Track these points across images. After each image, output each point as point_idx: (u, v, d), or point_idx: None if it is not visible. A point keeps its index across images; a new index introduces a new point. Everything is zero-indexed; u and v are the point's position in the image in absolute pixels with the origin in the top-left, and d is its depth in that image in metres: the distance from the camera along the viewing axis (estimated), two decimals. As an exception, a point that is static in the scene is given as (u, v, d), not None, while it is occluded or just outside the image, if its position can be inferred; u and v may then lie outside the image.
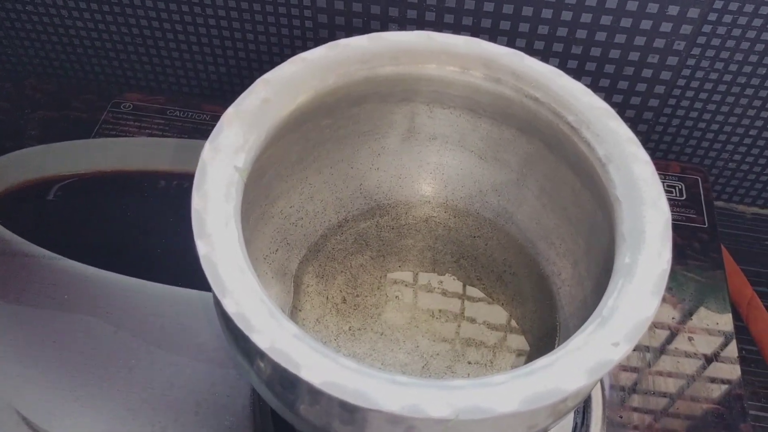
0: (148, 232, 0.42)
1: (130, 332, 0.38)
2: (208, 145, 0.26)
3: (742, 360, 0.40)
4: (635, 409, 0.37)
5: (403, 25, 0.48)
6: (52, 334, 0.37)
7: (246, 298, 0.22)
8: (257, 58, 0.53)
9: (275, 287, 0.32)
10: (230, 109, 0.27)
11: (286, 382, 0.23)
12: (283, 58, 0.51)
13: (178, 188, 0.44)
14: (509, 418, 0.21)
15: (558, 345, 0.32)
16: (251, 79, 0.28)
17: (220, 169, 0.25)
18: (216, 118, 0.27)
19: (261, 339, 0.21)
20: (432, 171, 0.36)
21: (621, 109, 0.50)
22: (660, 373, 0.38)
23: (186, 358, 0.37)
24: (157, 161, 0.46)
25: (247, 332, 0.21)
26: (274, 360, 0.21)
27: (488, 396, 0.21)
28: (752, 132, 0.52)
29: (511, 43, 0.48)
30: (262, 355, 0.22)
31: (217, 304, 0.23)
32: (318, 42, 0.30)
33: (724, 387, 0.38)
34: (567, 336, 0.31)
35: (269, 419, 0.34)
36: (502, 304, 0.34)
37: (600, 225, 0.29)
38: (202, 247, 0.23)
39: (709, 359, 0.39)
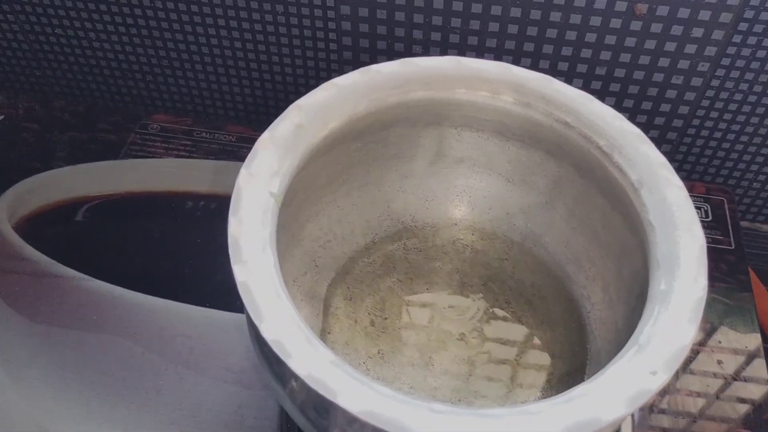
0: (176, 253, 0.43)
1: (158, 353, 0.38)
2: (243, 171, 0.26)
3: (770, 383, 0.40)
4: (664, 430, 0.36)
5: (426, 47, 0.48)
6: (81, 355, 0.38)
7: (283, 325, 0.22)
8: (282, 80, 0.54)
9: (305, 309, 0.33)
10: (265, 134, 0.27)
11: (321, 408, 0.23)
12: (308, 80, 0.52)
13: (205, 209, 0.45)
14: (548, 447, 0.21)
15: (588, 370, 0.31)
16: (276, 101, 0.28)
17: (256, 194, 0.26)
18: (242, 140, 0.27)
19: (298, 365, 0.21)
20: (459, 194, 0.36)
21: (645, 129, 0.50)
22: (688, 395, 0.38)
23: (214, 380, 0.37)
24: (184, 182, 0.46)
25: (284, 358, 0.21)
26: (311, 387, 0.21)
27: (527, 425, 0.21)
28: (777, 152, 0.52)
29: (534, 65, 0.48)
30: (297, 380, 0.22)
31: (253, 328, 0.24)
32: (342, 64, 0.30)
33: (753, 409, 0.38)
34: (598, 361, 0.31)
35: (297, 442, 0.34)
36: (531, 327, 0.34)
37: (631, 249, 0.29)
38: (239, 273, 0.23)
39: (738, 381, 0.39)
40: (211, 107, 0.58)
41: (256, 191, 0.26)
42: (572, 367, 0.32)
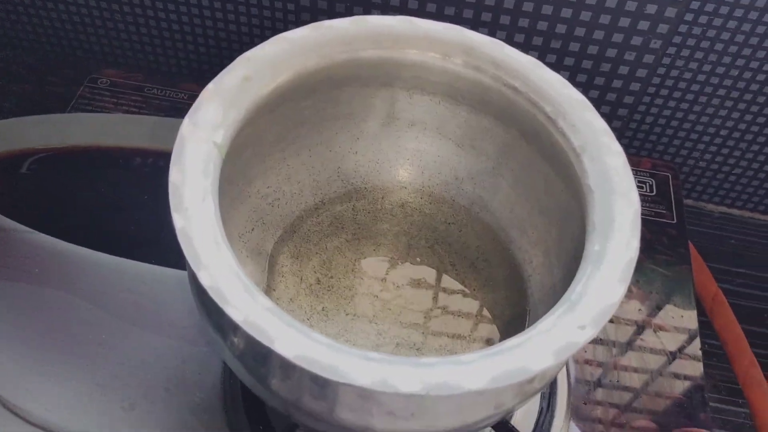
0: (123, 209, 0.42)
1: (102, 308, 0.38)
2: (187, 120, 0.26)
3: (705, 354, 0.42)
4: (599, 396, 0.38)
5: (385, 11, 0.48)
6: (24, 309, 0.37)
7: (221, 273, 0.22)
8: (238, 39, 0.53)
9: (250, 266, 0.33)
10: (210, 86, 0.27)
11: (259, 356, 0.23)
12: (264, 39, 0.51)
13: (153, 166, 0.44)
14: (477, 396, 0.22)
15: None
16: (231, 60, 0.28)
17: (199, 145, 0.25)
18: (193, 98, 0.27)
19: (235, 312, 0.21)
20: (410, 157, 0.37)
21: (597, 105, 0.51)
22: (625, 365, 0.39)
23: (157, 335, 0.37)
24: (133, 138, 0.45)
25: (221, 305, 0.21)
26: (247, 333, 0.21)
27: (458, 373, 0.21)
28: (723, 132, 0.53)
29: (491, 35, 0.48)
30: (235, 328, 0.22)
31: (192, 277, 0.23)
32: (299, 24, 0.30)
33: (687, 378, 0.39)
34: (535, 322, 0.32)
35: (239, 396, 0.34)
36: (474, 290, 0.34)
37: (572, 214, 0.30)
38: (178, 221, 0.23)
39: (673, 353, 0.40)
40: (165, 64, 0.57)
41: (200, 141, 0.25)
42: (511, 326, 0.33)
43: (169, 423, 0.34)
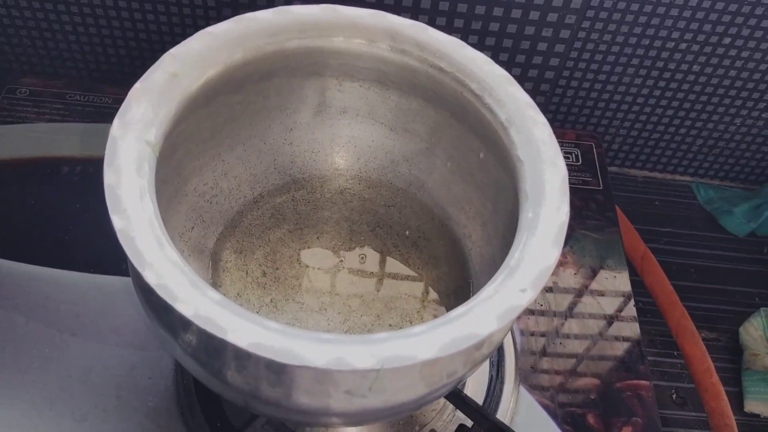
0: (53, 220, 0.41)
1: (42, 322, 0.37)
2: (117, 121, 0.25)
3: (638, 311, 0.44)
4: (545, 363, 0.39)
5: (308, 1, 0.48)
6: (-44, 329, 0.36)
7: (166, 269, 0.22)
8: (159, 38, 0.52)
9: (193, 265, 0.32)
10: (138, 84, 0.27)
11: (212, 349, 0.23)
12: (187, 37, 0.50)
13: (82, 174, 0.43)
14: (429, 366, 0.23)
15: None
16: (154, 60, 0.28)
17: (131, 144, 0.25)
18: (118, 101, 0.26)
19: (185, 307, 0.21)
20: (344, 144, 0.37)
21: (519, 82, 0.52)
22: (566, 332, 0.41)
23: (103, 344, 0.36)
24: (58, 147, 0.44)
25: (170, 302, 0.21)
26: (199, 327, 0.21)
27: (409, 345, 0.22)
28: (639, 99, 0.56)
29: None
30: (186, 324, 0.22)
31: (137, 277, 0.23)
32: (221, 20, 0.30)
33: (625, 337, 0.41)
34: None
35: (194, 396, 0.34)
36: (418, 268, 0.35)
37: (505, 187, 0.31)
38: (118, 222, 0.23)
39: (611, 314, 0.42)
40: (85, 69, 0.55)
41: (132, 141, 0.25)
42: (458, 300, 0.34)
43: (124, 430, 0.34)
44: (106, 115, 0.46)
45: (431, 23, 0.49)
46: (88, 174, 0.43)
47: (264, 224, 0.35)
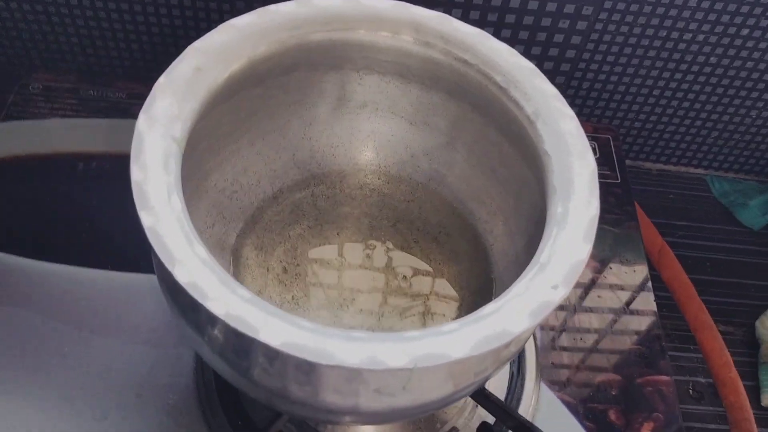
0: (70, 217, 0.41)
1: (60, 320, 0.36)
2: (143, 115, 0.25)
3: (656, 305, 0.43)
4: (565, 358, 0.39)
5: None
6: (-26, 327, 0.35)
7: (196, 267, 0.22)
8: (172, 32, 0.52)
9: (215, 261, 0.32)
10: (162, 79, 0.26)
11: (241, 348, 0.23)
12: (199, 31, 0.50)
13: (98, 170, 0.43)
14: (460, 364, 0.22)
15: (494, 297, 0.33)
16: (167, 55, 0.28)
17: (158, 140, 0.25)
18: (132, 96, 0.26)
19: (216, 306, 0.21)
20: (364, 138, 0.37)
21: (536, 74, 0.52)
22: (586, 326, 0.41)
23: (122, 342, 0.36)
24: (72, 143, 0.44)
25: (201, 300, 0.21)
26: (231, 326, 0.21)
27: (442, 343, 0.22)
28: (655, 92, 0.55)
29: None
30: (215, 323, 0.22)
31: (165, 276, 0.23)
32: (236, 13, 0.30)
33: (645, 330, 0.41)
34: (503, 290, 0.33)
35: (214, 394, 0.34)
36: (440, 264, 0.35)
37: (527, 181, 0.31)
38: (147, 219, 0.23)
39: (630, 308, 0.42)
40: (98, 64, 0.55)
41: (158, 136, 0.25)
42: (480, 296, 0.33)
43: (145, 428, 0.33)
44: (121, 110, 0.45)
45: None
46: (104, 170, 0.43)
47: (284, 220, 0.35)
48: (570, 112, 0.29)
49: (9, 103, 0.45)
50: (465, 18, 0.48)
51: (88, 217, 0.41)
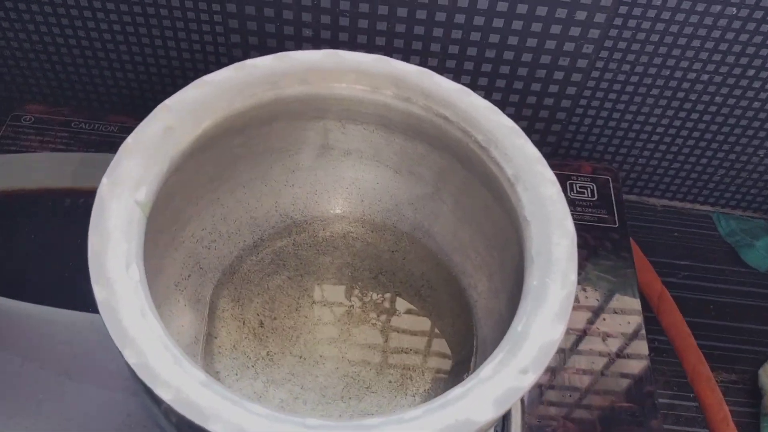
0: (55, 255, 0.40)
1: (38, 363, 0.36)
2: (105, 180, 0.25)
3: (654, 350, 0.42)
4: (553, 412, 0.38)
5: (317, 45, 0.47)
6: (-50, 370, 0.35)
7: (149, 346, 0.21)
8: (167, 63, 0.51)
9: (188, 315, 0.31)
10: (129, 140, 0.26)
11: (197, 428, 0.22)
12: (196, 65, 0.50)
13: (84, 206, 0.42)
14: (422, 453, 0.21)
15: (476, 358, 0.32)
16: (163, 89, 0.27)
17: (120, 205, 0.24)
18: (124, 130, 0.26)
19: (165, 392, 0.20)
20: (348, 186, 0.36)
21: (535, 110, 0.51)
22: (574, 373, 0.40)
23: (99, 387, 0.36)
24: (61, 178, 0.44)
25: (150, 385, 0.20)
26: (179, 413, 0.20)
27: (401, 433, 0.21)
28: (659, 129, 0.54)
29: (422, 62, 0.48)
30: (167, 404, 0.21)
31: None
32: (233, 60, 0.29)
33: (636, 384, 0.40)
34: (485, 350, 0.32)
35: (189, 448, 0.33)
36: (421, 319, 0.34)
37: (511, 240, 0.30)
38: (100, 292, 0.22)
39: (621, 356, 0.41)
40: (94, 94, 0.55)
41: (120, 201, 0.24)
42: (461, 355, 0.33)
43: (116, 481, 0.33)
44: (111, 144, 0.45)
45: (443, 53, 0.47)
46: (90, 207, 0.42)
47: (263, 270, 0.34)
48: (551, 176, 0.28)
49: (0, 135, 0.45)
50: (461, 56, 0.48)
51: (72, 256, 0.40)
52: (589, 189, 0.48)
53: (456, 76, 0.47)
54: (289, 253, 0.35)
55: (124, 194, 0.24)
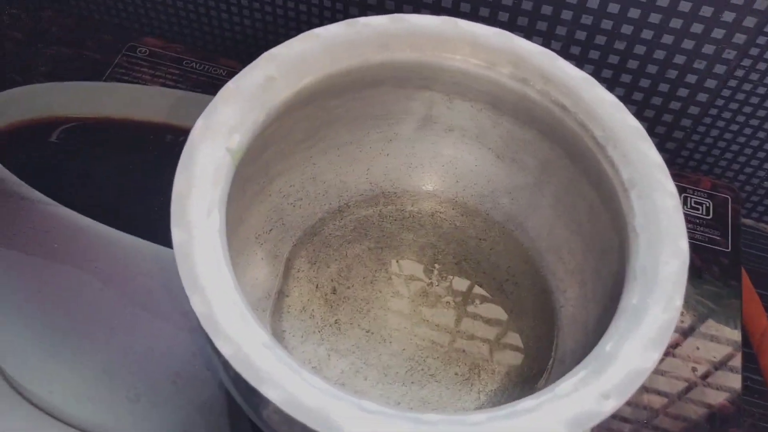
0: (149, 188, 0.41)
1: (116, 291, 0.37)
2: (200, 122, 0.24)
3: (746, 390, 0.39)
4: (623, 424, 0.35)
5: (436, 12, 0.45)
6: (37, 282, 0.36)
7: (217, 297, 0.21)
8: (284, 14, 0.51)
9: (264, 270, 0.31)
10: (230, 84, 0.25)
11: (251, 388, 0.22)
12: (311, 25, 0.49)
13: (183, 145, 0.43)
14: (480, 462, 0.20)
15: (552, 367, 0.30)
16: (272, 41, 0.26)
17: (211, 150, 0.24)
18: (232, 74, 0.25)
19: (225, 346, 0.20)
20: (445, 164, 0.34)
21: (658, 114, 0.47)
22: (657, 403, 0.37)
23: (170, 325, 0.36)
24: (167, 113, 0.44)
25: (212, 336, 0.20)
26: (236, 370, 0.19)
27: (460, 438, 0.19)
28: (795, 153, 0.49)
29: (546, 46, 0.45)
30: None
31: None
32: (348, 17, 0.28)
33: (721, 422, 0.36)
34: (563, 360, 0.30)
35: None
36: (500, 314, 0.32)
37: (614, 249, 0.27)
38: (178, 236, 0.22)
39: (708, 386, 0.37)
40: (209, 35, 0.55)
41: (212, 147, 0.24)
42: (535, 361, 0.30)
43: (174, 419, 0.33)
44: (217, 86, 0.45)
45: (566, 42, 0.44)
46: (188, 146, 0.42)
47: (345, 236, 0.33)
48: (672, 188, 0.25)
49: (114, 64, 0.46)
50: (587, 43, 0.44)
51: (166, 192, 0.41)
52: (704, 206, 0.44)
53: (579, 63, 0.44)
54: (373, 224, 0.34)
55: (216, 139, 0.24)
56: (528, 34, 0.45)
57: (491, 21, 0.45)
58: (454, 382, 0.30)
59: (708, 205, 0.44)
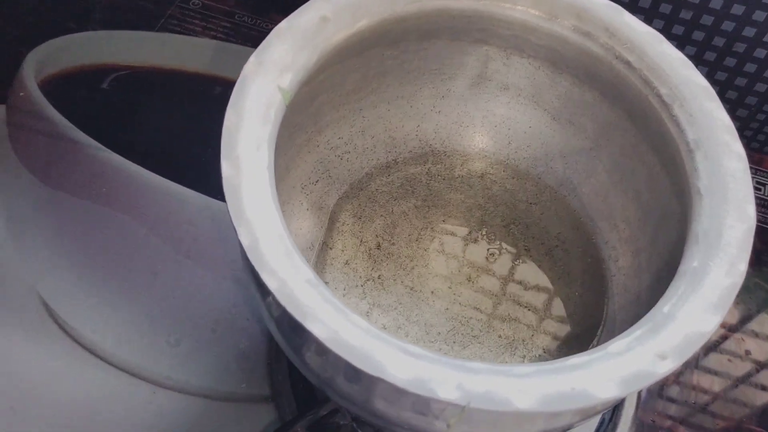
0: (198, 139, 0.41)
1: (161, 237, 0.37)
2: (253, 59, 0.24)
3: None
4: (672, 405, 0.34)
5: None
6: (84, 225, 0.37)
7: (263, 231, 0.20)
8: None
9: (309, 220, 0.31)
10: (283, 23, 0.24)
11: (294, 326, 0.21)
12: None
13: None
14: (523, 417, 0.19)
15: (598, 339, 0.29)
16: None
17: (262, 87, 0.23)
18: None
19: (271, 279, 0.19)
20: (498, 124, 0.33)
21: (723, 89, 0.45)
22: (705, 387, 0.35)
23: (212, 273, 0.36)
24: (217, 66, 0.44)
25: (257, 269, 0.19)
26: (281, 304, 0.19)
27: (506, 386, 0.18)
28: None
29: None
30: (269, 293, 0.20)
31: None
32: None
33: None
34: (611, 330, 0.29)
35: (283, 353, 0.33)
36: (548, 281, 0.31)
37: (673, 217, 0.26)
38: (227, 169, 0.21)
39: (762, 381, 0.36)
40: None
41: (263, 84, 0.23)
42: (582, 331, 0.30)
43: (211, 366, 0.33)
44: (268, 42, 0.45)
45: (669, 21, 0.42)
46: (237, 99, 0.42)
47: (391, 193, 0.33)
48: (739, 149, 0.24)
49: (167, 15, 0.46)
50: (653, 13, 0.43)
51: (214, 143, 0.41)
52: (766, 187, 0.42)
53: (679, 45, 0.42)
54: (421, 182, 0.33)
55: (268, 77, 0.23)
56: (631, 10, 0.43)
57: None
58: (497, 345, 0.29)
59: (770, 185, 0.42)
